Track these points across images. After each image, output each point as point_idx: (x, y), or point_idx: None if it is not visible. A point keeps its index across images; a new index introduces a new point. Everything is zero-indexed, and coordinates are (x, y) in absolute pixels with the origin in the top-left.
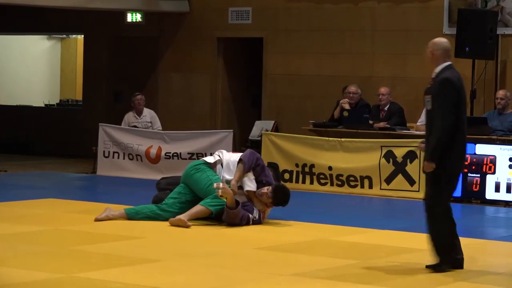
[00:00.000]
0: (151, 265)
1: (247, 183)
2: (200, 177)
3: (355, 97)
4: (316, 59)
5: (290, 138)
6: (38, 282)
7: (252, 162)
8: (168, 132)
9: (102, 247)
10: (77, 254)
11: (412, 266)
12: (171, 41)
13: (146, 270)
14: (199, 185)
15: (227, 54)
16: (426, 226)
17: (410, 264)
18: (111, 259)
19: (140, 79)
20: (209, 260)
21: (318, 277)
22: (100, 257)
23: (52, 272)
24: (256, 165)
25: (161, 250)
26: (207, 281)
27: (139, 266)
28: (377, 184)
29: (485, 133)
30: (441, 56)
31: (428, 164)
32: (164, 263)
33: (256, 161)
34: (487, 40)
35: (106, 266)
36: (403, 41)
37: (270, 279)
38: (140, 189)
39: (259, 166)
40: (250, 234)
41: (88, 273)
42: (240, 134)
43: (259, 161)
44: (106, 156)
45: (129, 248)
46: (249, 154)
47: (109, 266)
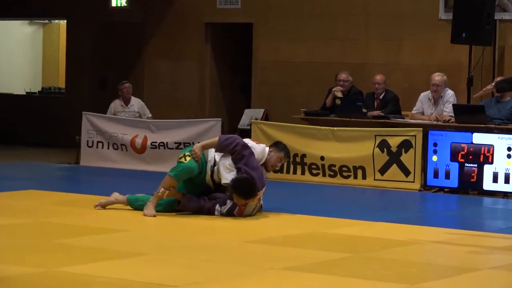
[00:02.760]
0: (137, 258)
1: (224, 174)
2: (181, 151)
3: (346, 84)
4: (307, 45)
5: (280, 127)
6: (19, 276)
7: (228, 144)
8: (154, 121)
9: (86, 240)
10: (60, 248)
11: (408, 259)
12: (157, 27)
13: (131, 264)
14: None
15: (216, 40)
16: None
17: (406, 258)
18: (96, 253)
19: (125, 66)
20: (197, 254)
21: (309, 271)
22: (84, 251)
23: (33, 266)
24: (233, 151)
25: (147, 243)
26: (194, 275)
27: (125, 260)
28: (371, 175)
29: (482, 122)
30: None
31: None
32: (150, 256)
33: (234, 147)
34: (485, 25)
35: (90, 260)
36: (398, 26)
37: (260, 273)
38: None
39: (236, 153)
40: (239, 227)
41: (71, 267)
42: (229, 122)
43: (236, 148)
44: (89, 146)
45: (114, 241)
46: (230, 136)
47: (93, 260)
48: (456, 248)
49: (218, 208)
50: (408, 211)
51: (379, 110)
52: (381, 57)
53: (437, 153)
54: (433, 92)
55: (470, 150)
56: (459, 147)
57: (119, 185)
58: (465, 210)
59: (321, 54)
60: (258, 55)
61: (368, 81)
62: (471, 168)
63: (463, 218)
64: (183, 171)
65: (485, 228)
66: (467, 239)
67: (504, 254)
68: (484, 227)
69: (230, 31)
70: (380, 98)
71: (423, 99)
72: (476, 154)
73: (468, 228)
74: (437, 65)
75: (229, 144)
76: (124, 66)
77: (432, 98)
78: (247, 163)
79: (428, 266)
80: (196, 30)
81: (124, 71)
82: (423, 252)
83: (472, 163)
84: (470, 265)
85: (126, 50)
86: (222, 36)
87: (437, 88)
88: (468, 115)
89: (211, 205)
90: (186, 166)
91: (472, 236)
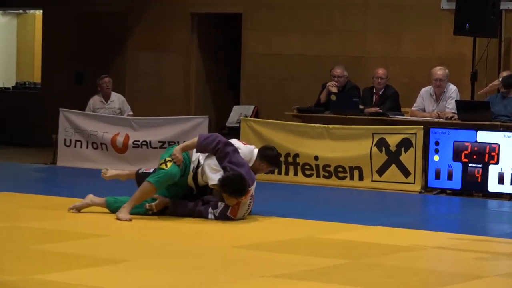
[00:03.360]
0: (118, 265)
1: (211, 175)
2: (161, 157)
3: (341, 80)
4: (301, 37)
5: (271, 124)
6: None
7: (208, 143)
8: (137, 118)
9: (64, 246)
10: (36, 254)
11: (409, 266)
12: (140, 17)
13: (112, 271)
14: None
15: (202, 31)
16: None
17: (407, 264)
18: (74, 259)
19: (105, 59)
20: (182, 260)
21: (303, 279)
22: (62, 257)
23: (8, 274)
24: (216, 150)
25: (129, 249)
26: (179, 283)
27: (105, 266)
28: (368, 176)
29: (487, 119)
30: None
31: None
32: (132, 263)
33: (215, 145)
34: (490, 16)
35: (68, 267)
36: (397, 17)
37: (249, 280)
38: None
39: (219, 151)
40: (227, 231)
41: (48, 275)
42: (217, 120)
43: (218, 146)
44: (67, 145)
45: (94, 247)
46: (209, 135)
47: (71, 267)
48: (459, 254)
49: (211, 211)
50: (408, 214)
51: (378, 106)
52: (379, 49)
53: (439, 152)
54: (436, 87)
55: (474, 149)
56: (463, 146)
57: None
58: (469, 214)
59: (315, 47)
60: (248, 48)
61: (365, 75)
62: (475, 168)
63: (466, 222)
64: (164, 178)
65: (490, 232)
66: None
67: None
68: (489, 231)
69: (217, 22)
70: (379, 93)
71: (424, 94)
72: (480, 153)
73: (472, 233)
74: (438, 58)
75: (210, 143)
76: (104, 60)
77: (434, 93)
78: (232, 160)
79: (430, 273)
80: (181, 21)
81: (104, 65)
82: (425, 259)
83: (476, 163)
84: (475, 272)
85: (106, 42)
86: (209, 27)
87: (440, 83)
88: (472, 112)
89: (203, 209)
90: (167, 173)
91: (476, 241)
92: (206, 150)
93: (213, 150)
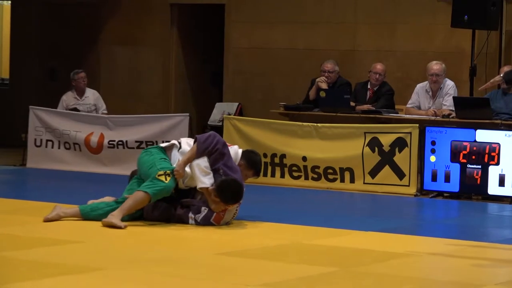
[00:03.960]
0: (93, 274)
1: (200, 178)
2: (147, 159)
3: (332, 75)
4: (288, 30)
5: (256, 123)
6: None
7: (209, 145)
8: (112, 116)
9: (34, 253)
10: (5, 262)
11: (403, 274)
12: (116, 8)
13: (86, 280)
14: (143, 168)
15: (182, 24)
16: None
17: (401, 272)
18: (45, 268)
19: (78, 54)
20: (161, 268)
21: None
22: (32, 265)
23: None
24: (213, 150)
25: (104, 257)
26: None
27: (79, 275)
28: (360, 178)
29: (487, 117)
30: None
31: None
32: (108, 271)
33: (215, 145)
34: (489, 7)
35: (39, 276)
36: (391, 8)
37: None
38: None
39: (217, 152)
40: (210, 237)
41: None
42: (198, 118)
43: (217, 146)
44: (37, 145)
45: (67, 254)
46: (208, 135)
47: (41, 275)
48: (457, 261)
49: (191, 216)
50: (403, 219)
51: (371, 103)
52: (372, 43)
53: (435, 152)
54: (432, 83)
55: (473, 149)
56: (461, 146)
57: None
58: (468, 218)
59: (304, 40)
60: (231, 41)
61: (357, 70)
62: (474, 169)
63: (465, 227)
64: (162, 191)
65: (490, 238)
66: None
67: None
68: (489, 237)
69: (199, 13)
70: (374, 89)
71: (419, 91)
72: (480, 153)
73: (471, 239)
74: (435, 52)
75: (210, 144)
76: (77, 54)
77: (430, 90)
78: (227, 163)
79: (426, 281)
80: (160, 12)
81: (77, 60)
82: (419, 266)
83: (475, 164)
84: (474, 280)
85: (79, 35)
86: (189, 19)
87: (437, 78)
88: (471, 109)
89: (183, 213)
90: (166, 187)
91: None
92: (206, 152)
93: (211, 150)
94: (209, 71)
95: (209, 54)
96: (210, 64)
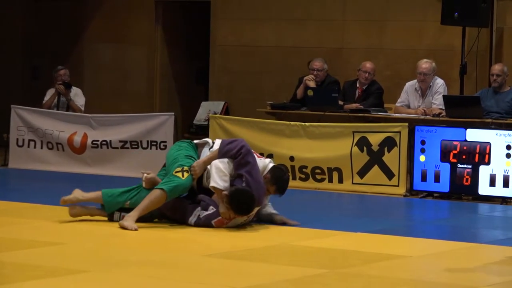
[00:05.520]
0: (76, 276)
1: (215, 177)
2: (173, 154)
3: (321, 74)
4: (275, 27)
5: (243, 122)
6: None
7: (232, 148)
8: (96, 116)
9: (16, 256)
10: None
11: (393, 276)
12: (100, 5)
13: (69, 283)
14: (168, 161)
15: (168, 21)
16: None
17: (390, 274)
18: (27, 270)
19: (61, 51)
20: (146, 270)
21: None
22: (14, 267)
23: None
24: (237, 154)
25: (87, 259)
26: None
27: (61, 278)
28: (348, 178)
29: (477, 116)
30: None
31: None
32: (91, 274)
33: (239, 150)
34: (480, 4)
35: (20, 279)
36: (380, 5)
37: None
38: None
39: (240, 157)
40: (197, 239)
41: None
42: (183, 117)
43: (241, 151)
44: (20, 145)
45: (49, 256)
46: (234, 139)
47: (24, 278)
48: (447, 262)
49: (196, 213)
50: (392, 219)
51: (359, 102)
52: (360, 40)
53: (425, 152)
54: (420, 81)
55: (463, 149)
56: (451, 146)
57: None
58: (458, 219)
59: (291, 37)
60: (217, 39)
61: (345, 68)
62: (465, 169)
63: (455, 228)
64: (178, 188)
65: (481, 239)
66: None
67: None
68: (479, 237)
69: (184, 10)
70: (363, 88)
71: (408, 89)
72: (470, 153)
73: (461, 239)
74: (425, 50)
75: (234, 148)
76: (60, 52)
77: (419, 88)
78: (251, 172)
79: (416, 283)
80: (144, 9)
81: (60, 58)
82: (409, 268)
83: (466, 164)
84: (464, 282)
85: (62, 33)
86: (175, 16)
87: (425, 77)
88: (461, 108)
89: (191, 208)
90: (182, 183)
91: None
92: (227, 155)
93: (235, 154)
94: (195, 69)
95: (195, 52)
96: (196, 62)
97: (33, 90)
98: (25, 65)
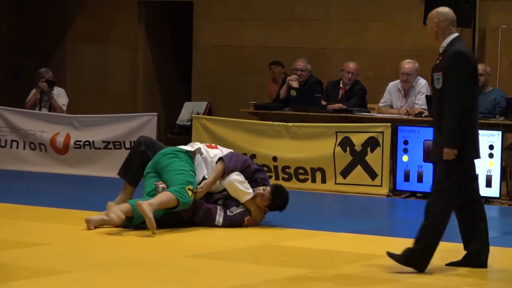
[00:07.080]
0: (60, 277)
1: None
2: (178, 164)
3: (304, 74)
4: (259, 28)
5: (226, 122)
6: None
7: (236, 165)
8: (78, 116)
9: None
10: None
11: (376, 276)
12: (82, 5)
13: (53, 284)
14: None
15: (150, 21)
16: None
17: (373, 274)
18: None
19: (43, 51)
20: (130, 271)
21: None
22: None
23: None
24: (245, 166)
25: (71, 259)
26: None
27: (45, 278)
28: (331, 178)
29: None
30: (447, 28)
31: (450, 150)
32: (75, 274)
33: (244, 162)
34: (462, 3)
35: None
36: (363, 5)
37: None
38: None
39: (250, 168)
40: (180, 239)
41: None
42: (166, 118)
43: (247, 162)
44: (2, 146)
45: (33, 257)
46: (231, 154)
47: (8, 279)
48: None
49: (220, 212)
50: (375, 219)
51: (343, 102)
52: (344, 40)
53: (408, 152)
54: (403, 82)
55: None
56: None
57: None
58: None
59: (274, 38)
60: (200, 39)
61: (328, 68)
62: None
63: None
64: (185, 205)
65: None
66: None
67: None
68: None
69: (167, 11)
70: (346, 88)
71: (391, 89)
72: None
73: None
74: (408, 50)
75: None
76: (42, 52)
77: (402, 88)
78: (261, 175)
79: (399, 283)
80: (127, 9)
81: (42, 58)
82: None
83: None
84: (448, 282)
85: (45, 33)
86: (157, 16)
87: (408, 77)
88: None
89: (212, 207)
90: (189, 203)
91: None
92: (237, 166)
93: (243, 167)
94: (177, 69)
95: (177, 52)
96: (178, 63)
97: (15, 91)
98: (7, 66)
